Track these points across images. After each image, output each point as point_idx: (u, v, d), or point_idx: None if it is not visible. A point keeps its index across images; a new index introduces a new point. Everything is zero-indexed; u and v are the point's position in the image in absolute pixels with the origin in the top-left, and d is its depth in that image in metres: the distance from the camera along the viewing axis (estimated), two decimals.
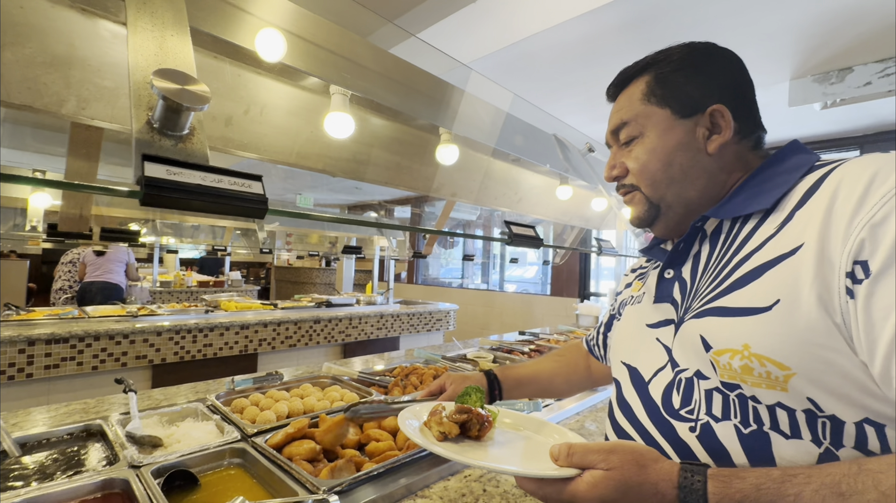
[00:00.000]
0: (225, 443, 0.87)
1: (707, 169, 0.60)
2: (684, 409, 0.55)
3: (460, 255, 9.84)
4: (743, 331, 0.49)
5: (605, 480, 0.48)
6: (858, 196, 0.45)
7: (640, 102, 0.64)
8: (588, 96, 3.16)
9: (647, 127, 0.63)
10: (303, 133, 1.30)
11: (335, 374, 1.38)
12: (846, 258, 0.44)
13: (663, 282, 0.64)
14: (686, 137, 0.61)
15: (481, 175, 2.06)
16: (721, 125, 0.59)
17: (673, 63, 0.63)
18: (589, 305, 2.98)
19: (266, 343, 3.04)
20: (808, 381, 0.45)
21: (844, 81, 2.49)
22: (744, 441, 0.49)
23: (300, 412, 1.09)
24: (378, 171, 1.58)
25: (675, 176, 0.61)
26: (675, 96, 0.62)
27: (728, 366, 0.50)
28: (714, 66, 0.62)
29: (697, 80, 0.61)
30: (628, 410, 0.62)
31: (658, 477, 0.47)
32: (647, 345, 0.62)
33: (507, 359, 1.83)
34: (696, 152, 0.60)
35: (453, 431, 0.65)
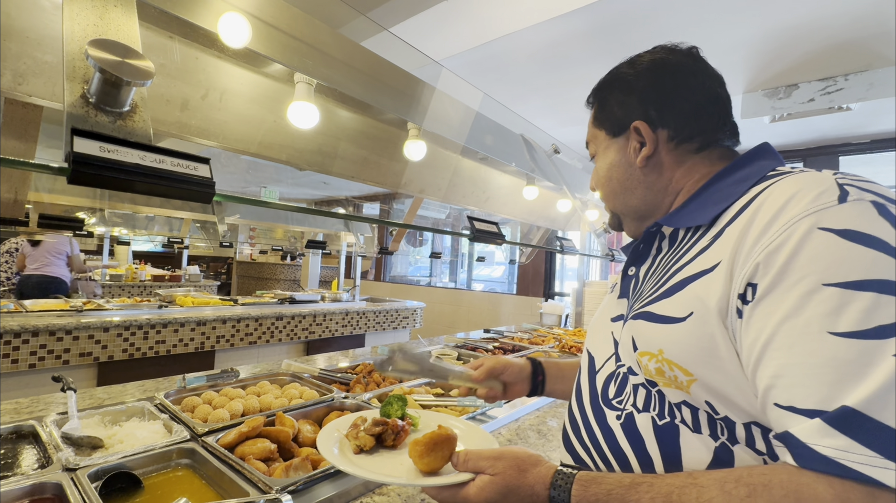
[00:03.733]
0: (172, 443, 0.83)
1: (642, 180, 0.65)
2: (616, 399, 0.59)
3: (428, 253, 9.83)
4: (660, 337, 0.53)
5: (490, 484, 0.53)
6: (768, 220, 0.47)
7: (591, 125, 0.72)
8: (556, 100, 3.23)
9: (597, 147, 0.71)
10: (266, 122, 1.25)
11: (295, 372, 1.34)
12: (742, 279, 0.47)
13: (626, 278, 0.69)
14: (618, 154, 0.67)
15: (450, 173, 2.06)
16: (647, 138, 0.63)
17: (609, 85, 0.69)
18: (553, 304, 3.05)
19: (224, 340, 2.93)
20: (706, 388, 0.49)
21: (791, 97, 2.66)
22: (657, 431, 0.53)
23: (256, 410, 1.05)
24: (345, 165, 1.55)
25: (616, 189, 0.68)
26: (606, 118, 0.68)
27: (647, 367, 0.55)
28: (638, 82, 0.65)
29: (621, 99, 0.66)
30: (580, 395, 0.66)
31: (535, 480, 0.52)
32: (604, 337, 0.67)
33: (471, 356, 1.84)
34: (629, 166, 0.66)
35: (368, 444, 0.67)
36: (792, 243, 0.44)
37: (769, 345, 0.44)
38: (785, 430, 0.42)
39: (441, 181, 2.11)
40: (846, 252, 0.42)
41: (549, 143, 2.07)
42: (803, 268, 0.43)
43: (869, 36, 2.24)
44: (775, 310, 0.44)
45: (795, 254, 0.43)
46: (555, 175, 1.80)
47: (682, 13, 2.14)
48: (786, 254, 0.44)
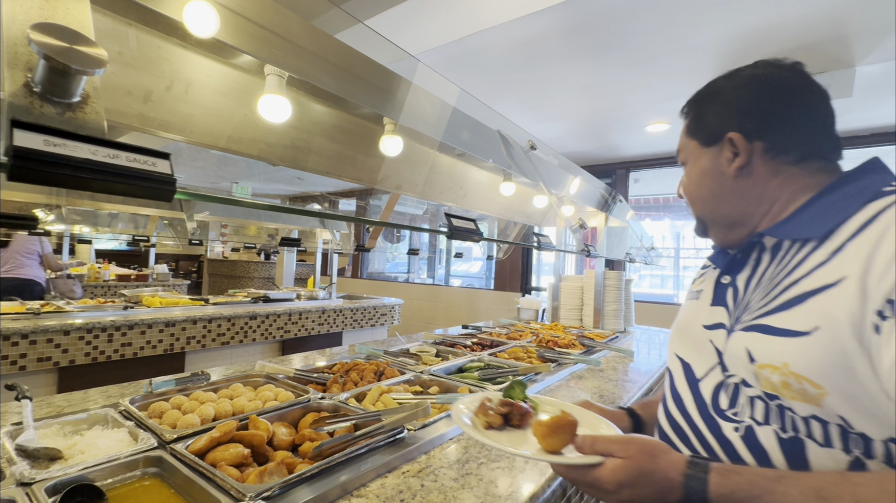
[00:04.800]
0: (138, 452, 0.79)
1: (733, 189, 0.68)
2: (730, 411, 0.61)
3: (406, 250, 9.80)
4: (784, 350, 0.54)
5: (622, 467, 0.55)
6: None
7: (684, 135, 0.76)
8: (532, 97, 3.25)
9: (688, 156, 0.75)
10: (235, 115, 1.21)
11: (269, 373, 1.31)
12: (880, 295, 0.48)
13: (720, 286, 0.71)
14: (710, 164, 0.70)
15: (427, 169, 2.04)
16: (739, 149, 0.66)
17: (705, 97, 0.72)
18: (530, 299, 3.08)
19: (195, 341, 2.84)
20: (840, 401, 0.50)
21: None
22: (782, 444, 0.55)
23: (229, 414, 1.02)
24: (319, 160, 1.51)
25: (706, 196, 0.72)
26: (700, 129, 0.72)
27: (768, 380, 0.56)
28: (738, 93, 0.68)
29: (717, 111, 0.69)
30: (680, 402, 0.69)
31: (667, 465, 0.55)
32: (701, 345, 0.69)
33: (449, 353, 1.84)
34: (720, 175, 0.69)
35: (497, 422, 0.74)
36: None
37: None
38: None
39: (418, 177, 2.09)
40: None
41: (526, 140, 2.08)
42: None
43: (826, 40, 2.34)
44: None
45: None
46: (531, 171, 1.81)
47: (654, 13, 2.18)
48: None
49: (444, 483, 0.81)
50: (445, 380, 1.40)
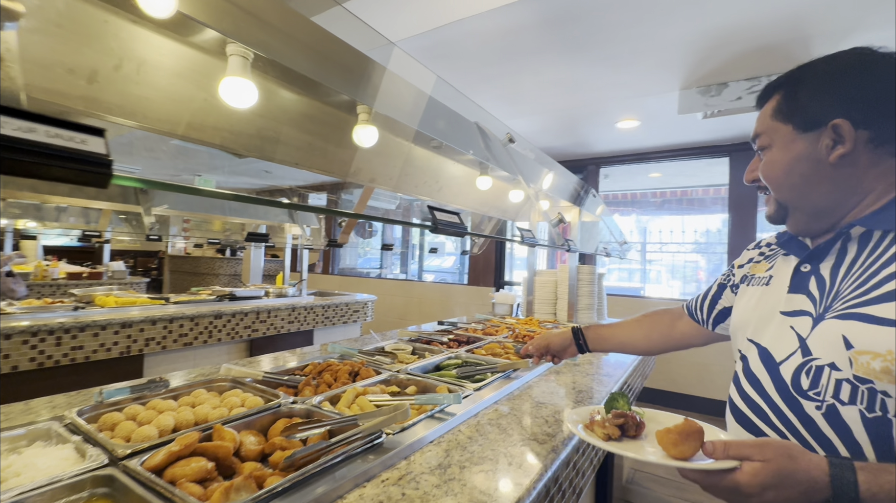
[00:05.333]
0: (86, 471, 0.71)
1: (831, 177, 0.68)
2: (812, 391, 0.64)
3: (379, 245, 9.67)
4: (889, 339, 0.57)
5: (763, 470, 0.55)
6: None
7: (770, 118, 0.73)
8: (506, 92, 3.23)
9: (774, 140, 0.72)
10: (195, 100, 1.11)
11: (236, 376, 1.23)
12: None
13: (799, 274, 0.73)
14: (807, 150, 0.68)
15: (401, 161, 1.99)
16: (844, 137, 0.65)
17: (802, 80, 0.70)
18: (504, 294, 3.08)
19: (155, 343, 2.68)
20: None
21: (721, 95, 2.84)
22: (866, 423, 0.58)
23: (191, 424, 0.94)
24: (288, 151, 1.43)
25: (798, 182, 0.70)
26: (797, 113, 0.69)
27: (867, 365, 0.58)
28: (845, 80, 0.66)
29: (821, 96, 0.67)
30: (757, 384, 0.72)
31: (809, 466, 0.55)
32: (780, 330, 0.71)
33: (426, 350, 1.80)
34: (817, 163, 0.68)
35: (616, 433, 0.76)
36: None
37: None
38: None
39: (392, 170, 2.04)
40: None
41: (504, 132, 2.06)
42: None
43: (787, 40, 2.43)
44: None
45: None
46: (510, 164, 1.78)
47: (623, 10, 2.19)
48: None
49: (426, 490, 0.77)
50: (423, 379, 1.36)
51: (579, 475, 1.13)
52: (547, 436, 1.03)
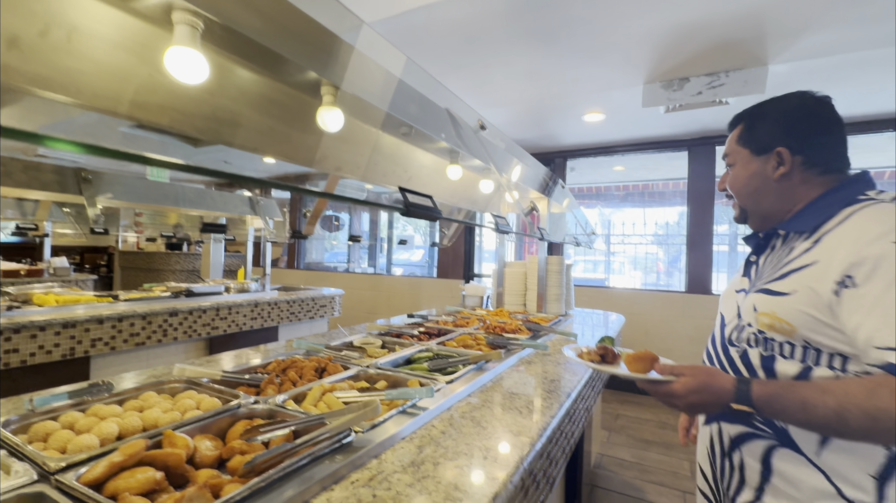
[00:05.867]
0: (10, 490, 0.63)
1: (774, 190, 0.90)
2: (736, 341, 0.91)
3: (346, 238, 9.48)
4: (774, 304, 0.83)
5: (691, 381, 0.82)
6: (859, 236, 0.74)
7: (735, 142, 0.96)
8: (477, 81, 3.20)
9: (737, 160, 0.95)
10: (138, 75, 1.01)
11: (191, 377, 1.14)
12: (840, 273, 0.74)
13: (748, 263, 0.99)
14: (758, 169, 0.91)
15: (369, 149, 1.92)
16: (785, 161, 0.88)
17: (758, 116, 0.93)
18: (474, 286, 3.06)
19: (102, 343, 2.49)
20: (804, 333, 0.79)
21: (683, 89, 2.91)
22: (762, 359, 0.85)
23: (138, 430, 0.86)
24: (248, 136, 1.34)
25: (751, 193, 0.94)
26: (753, 141, 0.92)
27: (762, 321, 0.84)
28: (788, 117, 0.89)
29: (770, 129, 0.90)
30: (713, 339, 0.99)
31: (723, 380, 0.80)
32: (730, 303, 0.97)
33: (396, 344, 1.75)
34: (765, 179, 0.91)
35: (596, 359, 1.04)
36: (876, 251, 0.71)
37: (868, 314, 0.69)
38: (886, 362, 0.67)
39: (360, 158, 1.97)
40: None
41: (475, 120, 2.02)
42: (886, 267, 0.69)
43: (745, 38, 2.51)
44: (870, 293, 0.70)
45: (880, 257, 0.70)
46: (481, 152, 1.75)
47: (589, 2, 2.20)
48: (874, 257, 0.71)
49: (398, 490, 0.73)
50: (394, 374, 1.31)
51: (553, 464, 1.13)
52: (521, 427, 1.02)
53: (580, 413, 1.46)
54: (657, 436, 3.42)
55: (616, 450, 3.17)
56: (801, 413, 0.72)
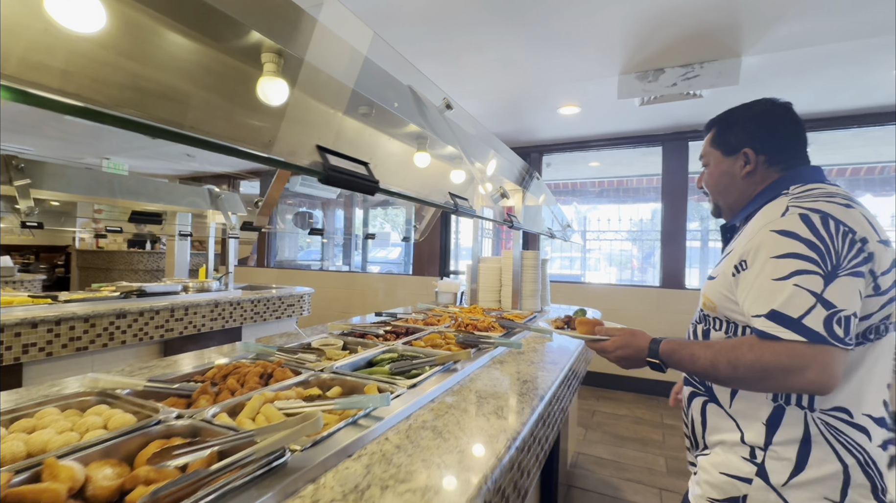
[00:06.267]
0: None
1: (740, 186, 1.02)
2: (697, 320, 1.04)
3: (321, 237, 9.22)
4: (708, 287, 0.97)
5: (618, 340, 1.04)
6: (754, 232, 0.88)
7: (709, 144, 1.08)
8: (449, 69, 3.07)
9: (710, 160, 1.07)
10: (29, 28, 0.84)
11: (105, 387, 0.98)
12: (739, 258, 0.89)
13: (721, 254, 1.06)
14: (728, 168, 1.03)
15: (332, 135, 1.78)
16: (750, 160, 0.99)
17: (728, 120, 1.04)
18: (448, 282, 2.95)
19: (37, 349, 2.25)
20: (722, 310, 0.94)
21: (658, 80, 2.87)
22: (703, 333, 1.00)
23: (21, 456, 0.70)
24: (178, 110, 1.17)
25: (723, 190, 1.06)
26: (723, 143, 1.04)
27: (704, 302, 0.99)
28: (752, 121, 1.00)
29: (738, 132, 1.01)
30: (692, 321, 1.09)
31: (641, 338, 1.00)
32: None
33: (359, 345, 1.61)
34: (733, 176, 1.02)
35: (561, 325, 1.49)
36: (759, 239, 0.85)
37: (749, 289, 0.84)
38: (755, 327, 0.81)
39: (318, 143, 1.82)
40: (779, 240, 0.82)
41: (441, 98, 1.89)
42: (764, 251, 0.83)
43: (719, 28, 2.47)
44: (751, 274, 0.85)
45: (760, 244, 0.84)
46: (449, 135, 1.63)
47: None
48: (756, 245, 0.85)
49: None
50: (350, 378, 1.18)
51: (524, 475, 1.02)
52: (488, 437, 0.91)
53: (555, 415, 1.36)
54: (632, 432, 3.38)
55: (593, 447, 3.12)
56: (690, 363, 0.89)
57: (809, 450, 0.82)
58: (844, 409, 0.82)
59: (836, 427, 0.82)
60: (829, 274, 0.76)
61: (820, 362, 0.73)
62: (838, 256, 0.77)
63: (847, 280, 0.76)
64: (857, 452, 0.81)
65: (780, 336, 0.76)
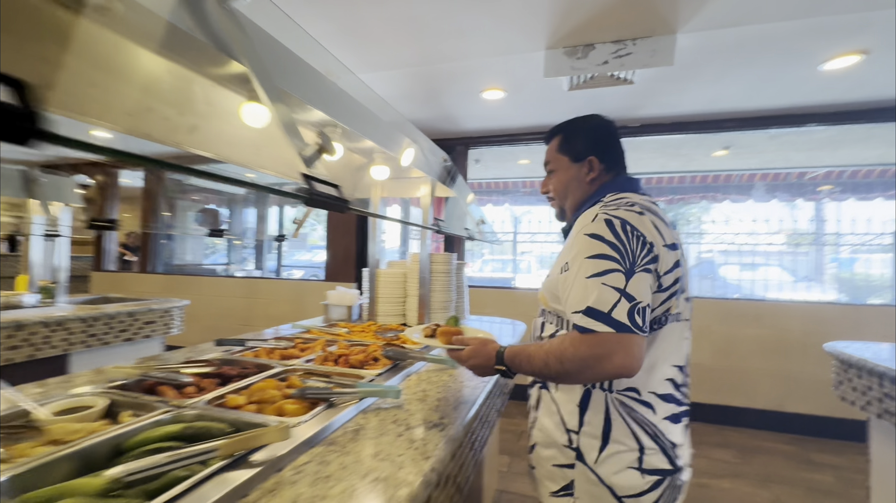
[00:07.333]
0: None
1: (585, 191, 1.12)
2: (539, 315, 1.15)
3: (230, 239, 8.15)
4: (543, 285, 1.09)
5: (471, 350, 1.07)
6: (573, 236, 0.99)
7: (555, 150, 1.18)
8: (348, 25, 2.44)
9: (558, 166, 1.17)
10: None
11: None
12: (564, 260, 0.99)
13: None
14: (576, 173, 1.13)
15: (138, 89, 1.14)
16: (594, 167, 1.10)
17: (573, 129, 1.15)
18: (342, 293, 2.34)
19: None
20: (552, 305, 1.05)
21: (588, 57, 2.49)
22: (541, 326, 1.11)
23: None
24: None
25: (568, 194, 1.15)
26: (570, 150, 1.14)
27: (540, 297, 1.11)
28: (594, 133, 1.13)
29: (583, 140, 1.13)
30: None
31: (491, 348, 1.05)
32: None
33: (137, 405, 0.98)
34: (580, 181, 1.13)
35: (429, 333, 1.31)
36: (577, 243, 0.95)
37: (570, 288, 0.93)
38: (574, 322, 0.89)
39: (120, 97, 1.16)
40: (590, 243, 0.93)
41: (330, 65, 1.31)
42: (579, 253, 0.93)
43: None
44: (571, 274, 0.94)
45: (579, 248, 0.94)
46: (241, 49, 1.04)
47: None
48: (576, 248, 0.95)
49: None
50: None
51: None
52: None
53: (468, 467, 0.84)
54: None
55: (518, 481, 2.67)
56: (528, 365, 0.97)
57: (610, 427, 0.95)
58: (634, 389, 0.96)
59: (627, 404, 0.95)
60: (628, 271, 0.88)
61: (624, 348, 0.84)
62: (634, 255, 0.89)
63: (641, 276, 0.88)
64: (645, 425, 0.94)
65: (594, 329, 0.85)
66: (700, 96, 3.34)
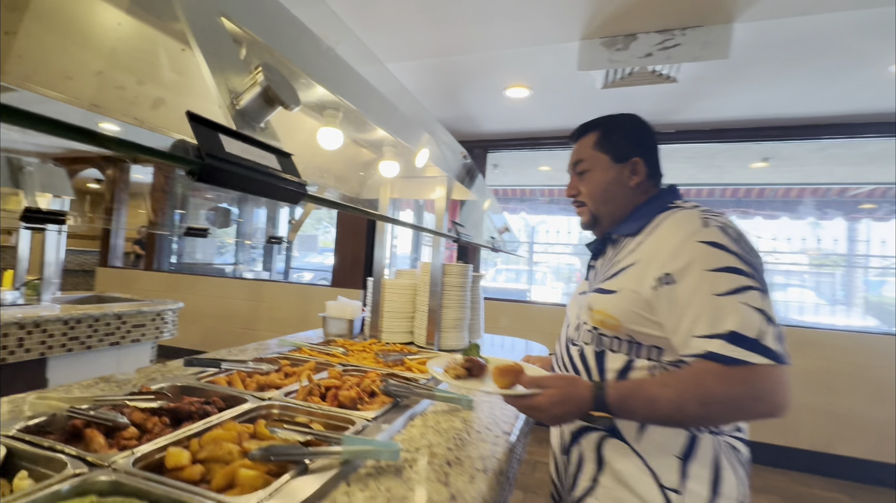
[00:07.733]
0: None
1: (626, 196, 1.00)
2: (575, 340, 0.98)
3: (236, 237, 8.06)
4: (605, 302, 0.90)
5: (554, 394, 0.82)
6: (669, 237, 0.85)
7: (591, 148, 1.02)
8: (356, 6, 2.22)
9: (594, 165, 1.02)
10: None
11: None
12: (658, 271, 0.82)
13: (590, 268, 1.08)
14: (617, 175, 0.99)
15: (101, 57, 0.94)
16: (638, 170, 0.98)
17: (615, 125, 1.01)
18: (342, 304, 2.08)
19: None
20: (628, 327, 0.87)
21: (629, 49, 2.21)
22: (596, 356, 0.92)
23: None
24: None
25: (609, 199, 1.01)
26: (612, 148, 1.00)
27: (596, 318, 0.91)
28: (639, 131, 1.01)
29: (626, 138, 1.00)
30: (559, 340, 1.06)
31: (582, 387, 0.82)
32: (573, 305, 1.05)
33: (42, 459, 0.72)
34: (622, 185, 0.99)
35: (463, 374, 1.01)
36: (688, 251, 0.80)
37: (687, 305, 0.77)
38: (706, 350, 0.73)
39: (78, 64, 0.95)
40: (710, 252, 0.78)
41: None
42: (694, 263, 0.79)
43: None
44: (687, 286, 0.78)
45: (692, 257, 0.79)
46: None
47: None
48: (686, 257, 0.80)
49: None
50: None
51: None
52: None
53: None
54: None
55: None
56: (649, 408, 0.77)
57: (720, 479, 0.81)
58: (740, 428, 0.86)
59: (735, 447, 0.84)
60: (762, 288, 0.76)
61: (783, 384, 0.71)
62: (759, 271, 0.79)
63: (770, 295, 0.77)
64: (741, 466, 0.84)
65: (746, 360, 0.71)
66: (746, 100, 3.02)
